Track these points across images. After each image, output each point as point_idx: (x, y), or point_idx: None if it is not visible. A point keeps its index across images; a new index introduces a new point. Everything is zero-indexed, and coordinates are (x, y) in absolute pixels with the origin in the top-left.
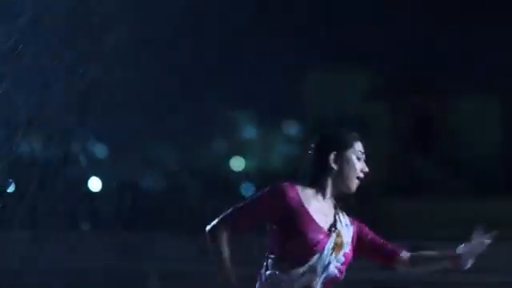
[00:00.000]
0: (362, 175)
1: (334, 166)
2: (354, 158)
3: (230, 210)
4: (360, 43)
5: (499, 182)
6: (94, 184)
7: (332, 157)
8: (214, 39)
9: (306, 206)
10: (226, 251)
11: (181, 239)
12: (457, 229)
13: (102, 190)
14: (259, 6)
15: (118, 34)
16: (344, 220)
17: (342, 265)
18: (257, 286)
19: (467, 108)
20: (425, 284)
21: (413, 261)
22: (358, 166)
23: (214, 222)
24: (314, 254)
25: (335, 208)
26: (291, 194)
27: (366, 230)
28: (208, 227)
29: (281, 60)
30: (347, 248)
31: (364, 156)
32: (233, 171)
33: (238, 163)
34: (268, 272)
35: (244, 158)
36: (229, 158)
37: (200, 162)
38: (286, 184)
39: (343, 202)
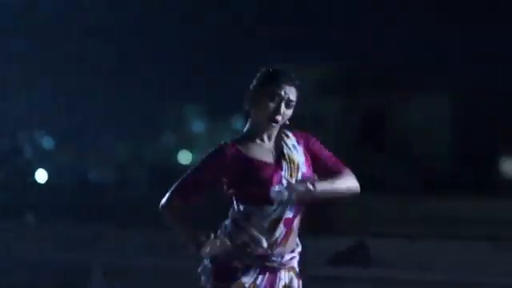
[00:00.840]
0: (276, 118)
1: (250, 108)
2: (265, 98)
3: (177, 182)
4: (312, 37)
5: (448, 180)
6: (41, 176)
7: (247, 96)
8: (164, 32)
9: (249, 153)
10: (185, 220)
11: (127, 232)
12: (404, 226)
13: (48, 182)
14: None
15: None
16: (290, 142)
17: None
18: (223, 225)
19: (418, 106)
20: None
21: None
22: (270, 107)
23: (166, 197)
24: (267, 191)
25: (279, 136)
26: (231, 150)
27: (314, 143)
28: (161, 203)
29: (229, 53)
30: (304, 168)
31: (288, 100)
32: (180, 164)
33: (185, 157)
34: (236, 216)
35: (191, 151)
36: (177, 151)
37: (148, 155)
38: (224, 144)
39: None
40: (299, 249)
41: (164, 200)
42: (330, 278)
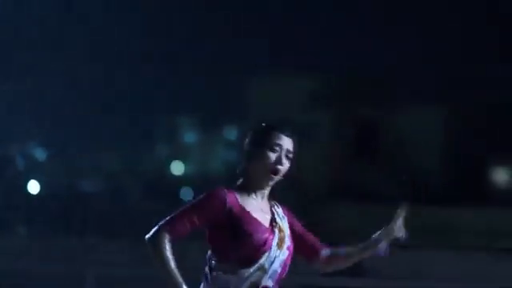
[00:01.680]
0: (277, 168)
1: (249, 163)
2: (266, 151)
3: (169, 217)
4: (305, 50)
5: (440, 191)
6: (33, 187)
7: (246, 153)
8: (159, 43)
9: (246, 207)
10: (171, 259)
11: (119, 242)
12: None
13: (41, 193)
14: (206, 9)
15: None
16: (280, 211)
17: (286, 259)
18: (201, 286)
19: (410, 118)
20: None
21: (333, 258)
22: (271, 158)
23: (154, 230)
24: (262, 254)
25: (269, 201)
26: (230, 197)
27: (295, 220)
28: (148, 235)
29: (223, 65)
30: (289, 241)
31: (287, 152)
32: (173, 175)
33: (178, 167)
34: (214, 273)
35: (184, 162)
36: (169, 162)
37: (140, 165)
38: (223, 188)
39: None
40: None
41: (152, 232)
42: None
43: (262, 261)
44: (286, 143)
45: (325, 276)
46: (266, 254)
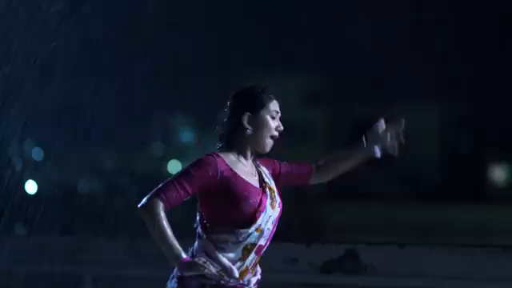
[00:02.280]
0: (276, 134)
1: (249, 128)
2: (267, 117)
3: (161, 185)
4: (300, 47)
5: (435, 188)
6: (30, 187)
7: (245, 118)
8: (152, 41)
9: (236, 171)
10: (167, 227)
11: (117, 243)
12: (394, 233)
13: (38, 193)
14: (195, 6)
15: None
16: (265, 170)
17: (277, 216)
18: (195, 246)
19: (406, 115)
20: None
21: (326, 166)
22: (272, 125)
23: (147, 198)
24: (259, 214)
25: (254, 162)
26: (220, 163)
27: (277, 164)
28: (141, 204)
29: (218, 62)
30: (278, 198)
31: (279, 115)
32: (170, 174)
33: (174, 166)
34: (210, 235)
35: (181, 161)
36: (166, 161)
37: (137, 165)
38: (213, 154)
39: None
40: (260, 270)
41: (144, 200)
42: (320, 286)
43: (259, 221)
44: (278, 106)
45: (323, 274)
46: (262, 214)
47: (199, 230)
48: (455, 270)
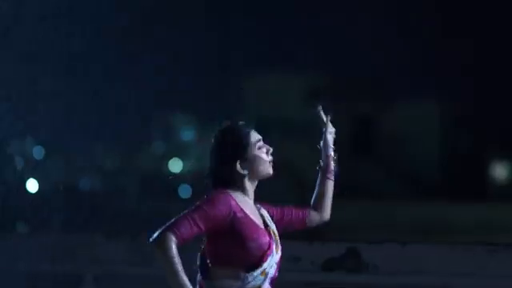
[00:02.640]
0: (270, 158)
1: (245, 173)
2: (256, 153)
3: (173, 220)
4: (300, 45)
5: (436, 186)
6: (31, 186)
7: (238, 166)
8: (151, 39)
9: (245, 210)
10: (178, 263)
11: (117, 241)
12: (395, 231)
13: (39, 192)
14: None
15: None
16: (265, 213)
17: (279, 260)
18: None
19: (406, 113)
20: None
21: (316, 206)
22: (263, 155)
23: (159, 232)
24: (267, 258)
25: (255, 203)
26: (232, 201)
27: (273, 209)
28: (153, 238)
29: (218, 60)
30: (279, 242)
31: (261, 140)
32: (171, 173)
33: (176, 165)
34: (214, 281)
35: (182, 159)
36: (167, 159)
37: (138, 163)
38: (225, 192)
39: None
40: None
41: (157, 235)
42: (321, 285)
43: (265, 265)
44: (256, 133)
45: (325, 271)
46: (269, 258)
47: (198, 277)
48: (457, 268)
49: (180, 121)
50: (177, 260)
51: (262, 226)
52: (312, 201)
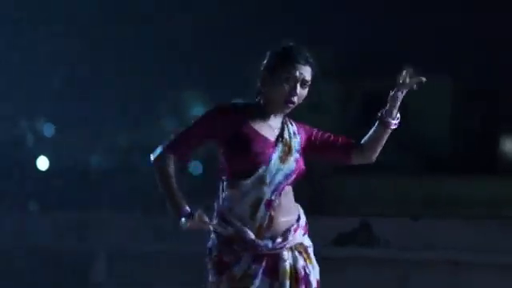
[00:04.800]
0: (291, 99)
1: (263, 89)
2: (279, 81)
3: (173, 137)
4: (310, 23)
5: (448, 161)
6: (42, 163)
7: (262, 78)
8: (165, 20)
9: (251, 122)
10: (173, 179)
11: (130, 218)
12: (407, 206)
13: (50, 169)
14: None
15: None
16: (292, 128)
17: (292, 172)
18: (215, 205)
19: (419, 89)
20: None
21: (366, 147)
22: (284, 90)
23: (158, 149)
24: (260, 165)
25: (283, 118)
26: (231, 112)
27: (316, 132)
28: (153, 155)
29: (230, 41)
30: (297, 155)
31: (297, 75)
32: None
33: None
34: (223, 192)
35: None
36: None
37: (150, 140)
38: (225, 103)
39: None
40: (298, 223)
41: (155, 152)
42: (334, 259)
43: (259, 173)
44: (302, 72)
45: (336, 246)
46: (264, 167)
47: (219, 190)
48: (468, 243)
49: (191, 100)
50: (170, 174)
51: (269, 136)
52: (363, 141)
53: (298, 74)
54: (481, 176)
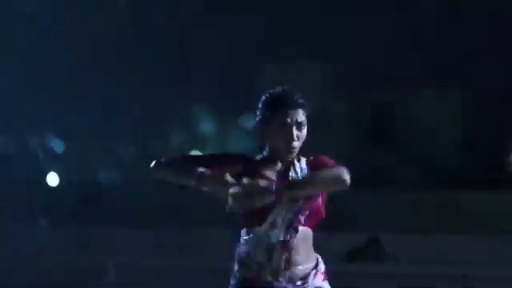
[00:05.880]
0: (291, 143)
1: (265, 139)
2: (274, 131)
3: (188, 154)
4: (318, 32)
5: (460, 175)
6: (52, 179)
7: (261, 132)
8: (170, 32)
9: (259, 169)
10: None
11: (139, 233)
12: (417, 221)
13: (60, 185)
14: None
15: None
16: (299, 165)
17: (301, 208)
18: (235, 253)
19: (429, 103)
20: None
21: None
22: (282, 136)
23: (155, 160)
24: (269, 211)
25: (291, 162)
26: (244, 159)
27: (323, 163)
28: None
29: (238, 51)
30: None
31: (289, 121)
32: None
33: None
34: (242, 239)
35: (202, 151)
36: (188, 151)
37: (159, 155)
38: (237, 155)
39: None
40: (316, 269)
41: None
42: (345, 274)
43: (270, 216)
44: (294, 116)
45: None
46: (275, 211)
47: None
48: (481, 257)
49: (200, 113)
50: (178, 163)
51: (273, 178)
52: None
53: (289, 120)
54: (493, 189)
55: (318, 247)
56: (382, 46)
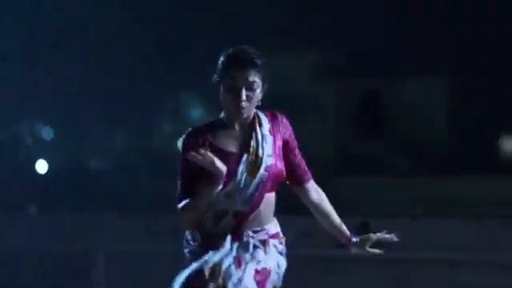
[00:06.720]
0: (240, 106)
1: (221, 100)
2: (224, 92)
3: (178, 191)
4: (307, 20)
5: (448, 162)
6: (41, 166)
7: (220, 92)
8: (162, 17)
9: (212, 139)
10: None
11: (128, 220)
12: (406, 206)
13: (49, 172)
14: None
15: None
16: (262, 130)
17: (264, 180)
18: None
19: (417, 88)
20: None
21: (314, 207)
22: (230, 100)
23: (178, 210)
24: (226, 183)
25: (255, 120)
26: (195, 138)
27: (292, 145)
28: (179, 218)
29: (228, 39)
30: (269, 161)
31: (238, 81)
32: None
33: None
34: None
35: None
36: (177, 138)
37: (148, 142)
38: (192, 130)
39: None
40: (275, 233)
41: (179, 211)
42: (335, 259)
43: (226, 189)
44: (244, 76)
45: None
46: (231, 184)
47: None
48: (468, 242)
49: (190, 100)
50: (192, 204)
51: (233, 150)
52: (321, 206)
53: (238, 79)
54: (480, 175)
55: (307, 233)
56: (369, 32)
